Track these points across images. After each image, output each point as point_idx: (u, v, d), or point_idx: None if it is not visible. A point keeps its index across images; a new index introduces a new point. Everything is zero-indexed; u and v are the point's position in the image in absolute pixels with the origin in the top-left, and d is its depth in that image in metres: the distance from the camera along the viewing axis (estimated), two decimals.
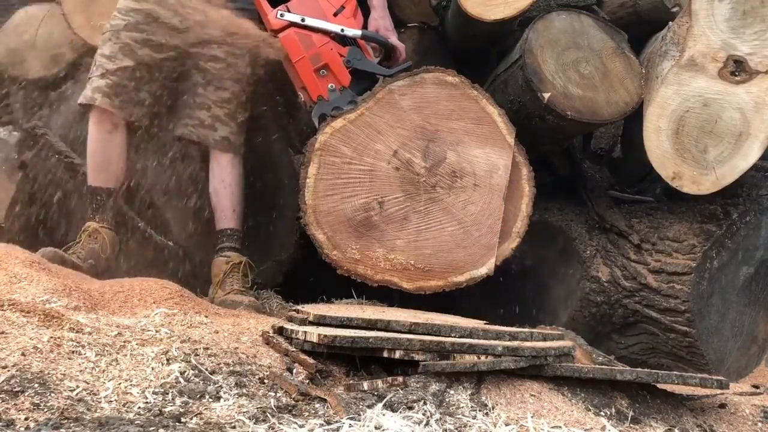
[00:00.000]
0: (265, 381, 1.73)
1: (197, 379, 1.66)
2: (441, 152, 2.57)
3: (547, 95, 2.59)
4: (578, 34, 2.69)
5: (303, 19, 2.64)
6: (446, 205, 2.56)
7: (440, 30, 3.33)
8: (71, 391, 1.50)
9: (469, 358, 1.85)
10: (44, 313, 1.78)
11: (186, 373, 1.67)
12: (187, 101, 2.82)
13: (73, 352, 1.64)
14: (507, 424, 1.71)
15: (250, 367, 1.77)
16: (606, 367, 2.08)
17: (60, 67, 3.35)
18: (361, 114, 2.55)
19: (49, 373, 1.52)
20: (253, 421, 1.53)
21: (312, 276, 2.85)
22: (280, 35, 2.65)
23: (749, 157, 2.53)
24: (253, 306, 2.55)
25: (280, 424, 1.53)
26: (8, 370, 1.50)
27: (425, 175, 2.56)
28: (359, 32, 2.67)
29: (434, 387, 1.77)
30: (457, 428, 1.65)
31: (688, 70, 2.54)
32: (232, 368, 1.75)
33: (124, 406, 1.50)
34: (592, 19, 2.74)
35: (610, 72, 2.67)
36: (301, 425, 1.54)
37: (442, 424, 1.64)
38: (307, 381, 1.79)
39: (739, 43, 2.52)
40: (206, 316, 2.16)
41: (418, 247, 2.54)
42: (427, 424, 1.62)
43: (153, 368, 1.66)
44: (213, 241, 2.84)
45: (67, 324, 1.77)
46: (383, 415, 1.61)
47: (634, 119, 2.76)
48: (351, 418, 1.59)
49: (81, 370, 1.58)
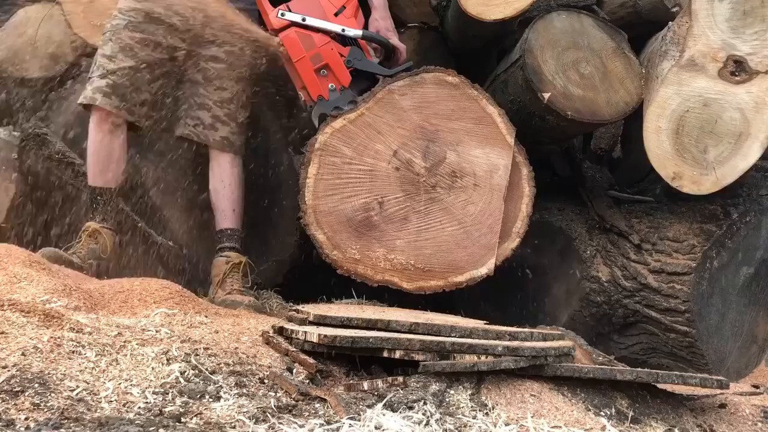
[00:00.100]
0: (265, 381, 1.73)
1: (197, 379, 1.66)
2: (441, 152, 2.57)
3: (547, 95, 2.59)
4: (578, 34, 2.69)
5: (304, 19, 2.64)
6: (446, 205, 2.56)
7: (440, 30, 3.33)
8: (71, 391, 1.50)
9: (469, 358, 1.85)
10: (44, 313, 1.78)
11: (186, 373, 1.67)
12: (187, 101, 2.82)
13: (73, 352, 1.64)
14: (507, 424, 1.71)
15: (250, 367, 1.77)
16: (606, 367, 2.08)
17: (60, 67, 3.34)
18: (361, 114, 2.55)
19: (49, 373, 1.52)
20: (253, 421, 1.53)
21: (312, 276, 2.85)
22: (281, 35, 2.65)
23: (749, 157, 2.53)
24: (253, 306, 2.55)
25: (280, 424, 1.53)
26: (8, 370, 1.50)
27: (425, 175, 2.56)
28: (360, 32, 2.67)
29: (434, 387, 1.77)
30: (457, 428, 1.65)
31: (688, 70, 2.54)
32: (232, 368, 1.75)
33: (124, 406, 1.50)
34: (592, 19, 2.74)
35: (610, 72, 2.67)
36: (301, 425, 1.54)
37: (442, 424, 1.64)
38: (307, 381, 1.79)
39: (739, 43, 2.52)
40: (206, 316, 2.16)
41: (418, 247, 2.54)
42: (427, 424, 1.62)
43: (153, 368, 1.66)
44: (213, 241, 2.85)
45: (67, 324, 1.77)
46: (383, 415, 1.61)
47: (634, 119, 2.76)
48: (351, 418, 1.59)
49: (81, 370, 1.58)
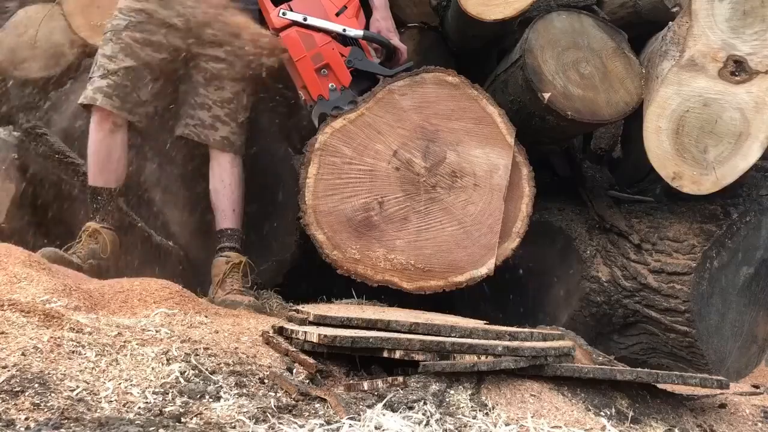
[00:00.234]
0: (265, 381, 1.73)
1: (197, 379, 1.66)
2: (441, 152, 2.57)
3: (547, 95, 2.59)
4: (578, 34, 2.69)
5: (305, 19, 2.64)
6: (446, 205, 2.56)
7: (440, 30, 3.33)
8: (71, 391, 1.50)
9: (469, 358, 1.85)
10: (44, 313, 1.78)
11: (186, 373, 1.67)
12: (187, 101, 2.82)
13: (73, 352, 1.64)
14: (507, 424, 1.71)
15: (250, 367, 1.77)
16: (606, 367, 2.08)
17: (60, 67, 3.35)
18: (361, 114, 2.55)
19: (49, 373, 1.52)
20: (253, 421, 1.53)
21: (312, 276, 2.85)
22: (282, 34, 2.65)
23: (749, 157, 2.53)
24: (253, 306, 2.55)
25: (280, 424, 1.53)
26: (8, 370, 1.50)
27: (425, 175, 2.56)
28: (361, 33, 2.67)
29: (434, 387, 1.77)
30: (457, 428, 1.65)
31: (688, 70, 2.54)
32: (232, 368, 1.75)
33: (124, 406, 1.50)
34: (592, 19, 2.74)
35: (610, 72, 2.67)
36: (301, 425, 1.54)
37: (442, 424, 1.64)
38: (307, 381, 1.79)
39: (739, 43, 2.52)
40: (206, 316, 2.16)
41: (418, 247, 2.54)
42: (427, 424, 1.62)
43: (153, 368, 1.66)
44: (213, 241, 2.85)
45: (67, 324, 1.77)
46: (383, 415, 1.61)
47: (634, 119, 2.76)
48: (351, 418, 1.59)
49: (81, 370, 1.58)
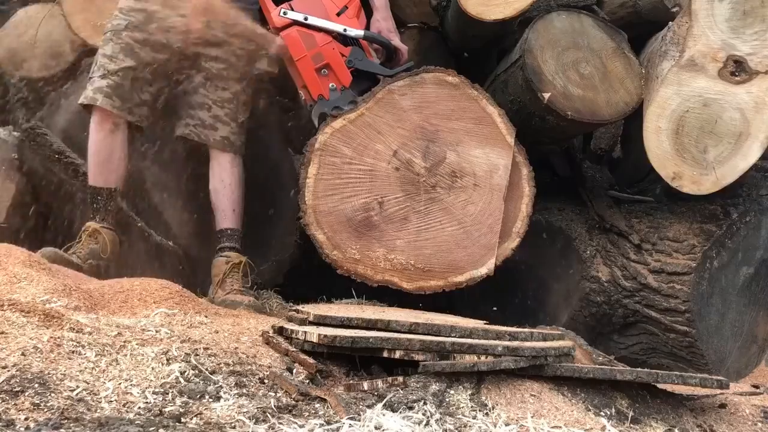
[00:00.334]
0: (265, 381, 1.73)
1: (197, 379, 1.66)
2: (441, 152, 2.57)
3: (547, 95, 2.59)
4: (578, 34, 2.69)
5: (306, 18, 2.64)
6: (446, 205, 2.56)
7: (440, 30, 3.33)
8: (71, 391, 1.50)
9: (469, 358, 1.85)
10: (44, 313, 1.78)
11: (186, 373, 1.67)
12: (187, 101, 2.82)
13: (73, 352, 1.64)
14: (507, 424, 1.71)
15: (250, 367, 1.77)
16: (606, 367, 2.08)
17: (60, 67, 3.35)
18: (361, 114, 2.55)
19: (49, 373, 1.52)
20: (253, 421, 1.53)
21: (312, 276, 2.85)
22: (283, 33, 2.65)
23: (749, 157, 2.53)
24: (253, 306, 2.55)
25: (280, 424, 1.53)
26: (8, 370, 1.50)
27: (425, 175, 2.56)
28: (362, 33, 2.66)
29: (434, 387, 1.77)
30: (457, 428, 1.65)
31: (688, 70, 2.54)
32: (232, 368, 1.75)
33: (124, 406, 1.50)
34: (592, 19, 2.74)
35: (610, 72, 2.67)
36: (301, 425, 1.54)
37: (442, 424, 1.64)
38: (307, 381, 1.79)
39: (739, 43, 2.52)
40: (206, 316, 2.16)
41: (418, 247, 2.54)
42: (427, 424, 1.62)
43: (153, 368, 1.66)
44: (213, 241, 2.85)
45: (67, 324, 1.77)
46: (383, 415, 1.61)
47: (634, 119, 2.76)
48: (351, 418, 1.59)
49: (81, 370, 1.58)
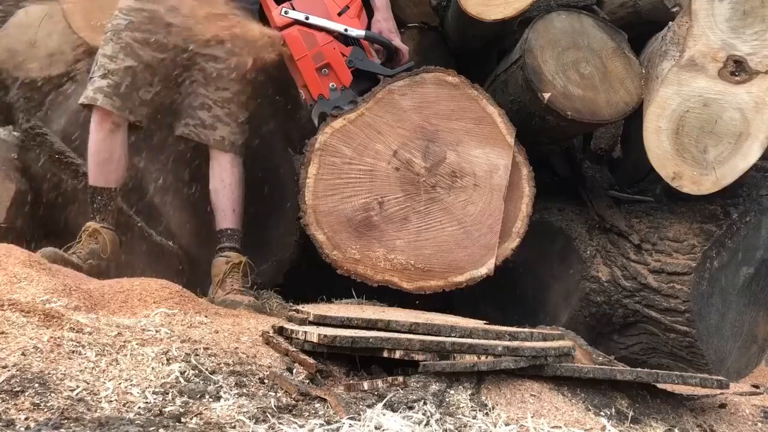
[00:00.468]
0: (265, 381, 1.73)
1: (197, 379, 1.66)
2: (441, 152, 2.57)
3: (547, 95, 2.59)
4: (578, 34, 2.69)
5: (307, 17, 2.64)
6: (446, 205, 2.56)
7: (440, 30, 3.33)
8: (71, 391, 1.50)
9: (469, 358, 1.85)
10: (44, 313, 1.78)
11: (186, 373, 1.67)
12: (188, 101, 2.82)
13: (73, 352, 1.64)
14: (507, 424, 1.71)
15: (250, 367, 1.77)
16: (606, 367, 2.08)
17: (60, 67, 3.35)
18: (361, 114, 2.55)
19: (49, 373, 1.52)
20: (253, 421, 1.53)
21: (312, 276, 2.85)
22: (284, 32, 2.65)
23: (749, 157, 2.53)
24: (253, 306, 2.55)
25: (280, 424, 1.53)
26: (8, 370, 1.50)
27: (425, 175, 2.56)
28: (362, 33, 2.66)
29: (434, 387, 1.77)
30: (457, 428, 1.65)
31: (688, 70, 2.54)
32: (232, 368, 1.75)
33: (124, 406, 1.50)
34: (592, 19, 2.74)
35: (610, 72, 2.67)
36: (301, 425, 1.54)
37: (442, 424, 1.64)
38: (307, 381, 1.79)
39: (739, 43, 2.52)
40: (206, 316, 2.16)
41: (418, 247, 2.54)
42: (427, 424, 1.62)
43: (153, 368, 1.66)
44: (213, 241, 2.84)
45: (67, 324, 1.77)
46: (383, 415, 1.61)
47: (634, 119, 2.76)
48: (351, 418, 1.59)
49: (81, 370, 1.58)
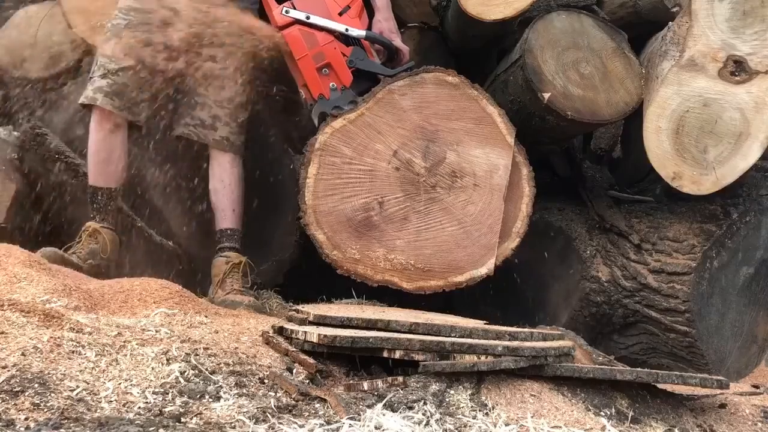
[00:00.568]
0: (265, 381, 1.73)
1: (197, 379, 1.66)
2: (441, 152, 2.57)
3: (547, 95, 2.59)
4: (578, 34, 2.69)
5: (308, 17, 2.64)
6: (446, 205, 2.56)
7: (440, 30, 3.33)
8: (71, 391, 1.50)
9: (469, 358, 1.85)
10: (44, 313, 1.78)
11: (186, 373, 1.67)
12: (187, 101, 2.82)
13: (73, 352, 1.64)
14: (507, 424, 1.71)
15: (250, 367, 1.77)
16: (606, 367, 2.08)
17: (60, 67, 3.35)
18: (361, 114, 2.55)
19: (49, 373, 1.52)
20: (253, 421, 1.53)
21: (312, 276, 2.85)
22: (284, 32, 2.65)
23: (749, 157, 2.53)
24: (253, 306, 2.55)
25: (280, 424, 1.53)
26: (8, 370, 1.50)
27: (425, 175, 2.56)
28: (363, 33, 2.66)
29: (434, 387, 1.77)
30: (457, 428, 1.65)
31: (688, 70, 2.54)
32: (232, 368, 1.75)
33: (124, 406, 1.50)
34: (592, 19, 2.74)
35: (610, 72, 2.67)
36: (301, 425, 1.54)
37: (442, 424, 1.64)
38: (307, 381, 1.79)
39: (739, 43, 2.52)
40: (206, 316, 2.16)
41: (418, 247, 2.54)
42: (427, 424, 1.62)
43: (153, 368, 1.66)
44: (213, 241, 2.84)
45: (67, 324, 1.77)
46: (383, 415, 1.61)
47: (634, 119, 2.76)
48: (351, 418, 1.59)
49: (81, 370, 1.58)
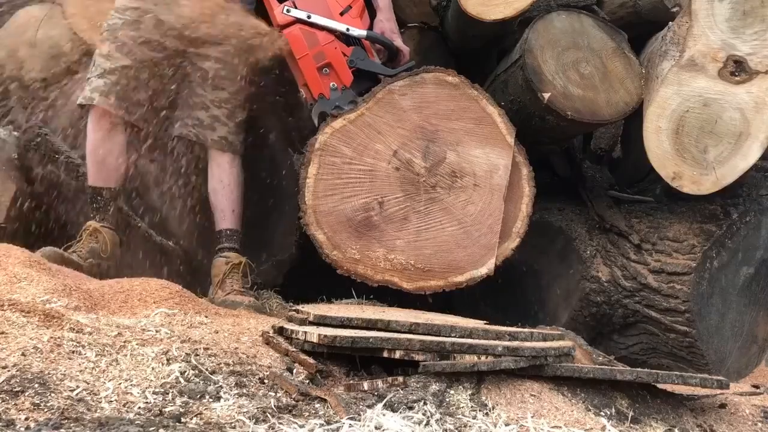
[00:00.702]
0: (265, 381, 1.73)
1: (197, 379, 1.66)
2: (441, 152, 2.57)
3: (547, 95, 2.59)
4: (578, 34, 2.69)
5: (309, 16, 2.64)
6: (446, 205, 2.56)
7: (440, 30, 3.33)
8: (71, 391, 1.50)
9: (469, 358, 1.85)
10: (44, 313, 1.78)
11: (186, 373, 1.67)
12: (185, 101, 2.82)
13: (73, 352, 1.64)
14: (507, 424, 1.71)
15: (250, 367, 1.77)
16: (606, 367, 2.08)
17: (60, 67, 3.34)
18: (361, 114, 2.55)
19: (49, 373, 1.52)
20: (253, 421, 1.53)
21: (312, 276, 2.85)
22: (285, 31, 2.65)
23: (749, 157, 2.53)
24: (253, 306, 2.55)
25: (280, 424, 1.53)
26: (8, 370, 1.50)
27: (425, 175, 2.56)
28: (364, 33, 2.66)
29: (434, 387, 1.77)
30: (457, 428, 1.65)
31: (688, 70, 2.54)
32: (232, 368, 1.75)
33: (124, 406, 1.50)
34: (592, 19, 2.74)
35: (610, 72, 2.67)
36: (301, 425, 1.54)
37: (442, 424, 1.64)
38: (307, 381, 1.79)
39: (739, 43, 2.52)
40: (206, 316, 2.16)
41: (418, 247, 2.54)
42: (427, 424, 1.62)
43: (153, 368, 1.66)
44: (213, 242, 2.84)
45: (67, 324, 1.77)
46: (383, 415, 1.61)
47: (634, 119, 2.76)
48: (351, 418, 1.59)
49: (81, 370, 1.58)
